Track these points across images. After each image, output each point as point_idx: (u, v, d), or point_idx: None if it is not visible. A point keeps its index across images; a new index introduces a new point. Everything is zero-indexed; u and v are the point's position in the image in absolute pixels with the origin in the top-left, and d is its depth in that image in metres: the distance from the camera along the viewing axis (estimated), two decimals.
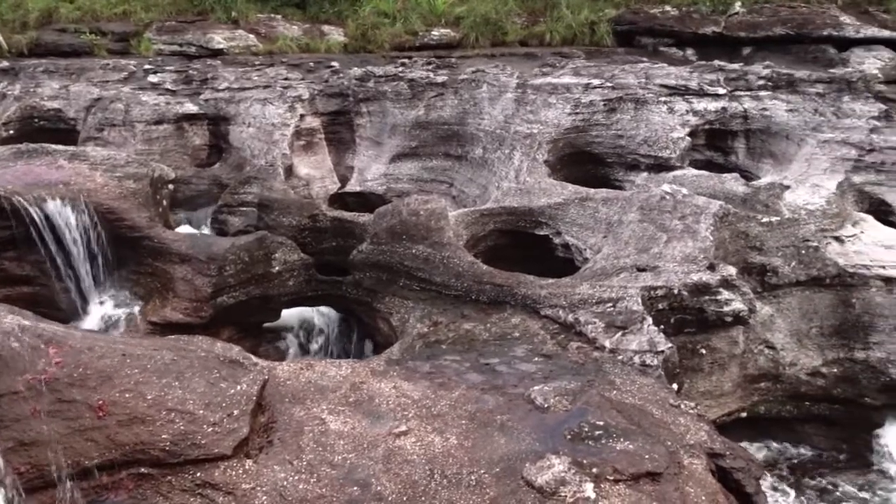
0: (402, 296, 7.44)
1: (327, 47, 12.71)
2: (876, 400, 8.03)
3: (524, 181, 8.99)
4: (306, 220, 8.98)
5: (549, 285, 6.85)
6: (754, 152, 9.94)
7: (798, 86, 9.89)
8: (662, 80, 9.94)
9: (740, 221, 7.83)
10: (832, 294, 8.03)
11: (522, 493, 4.18)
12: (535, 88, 10.07)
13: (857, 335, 8.02)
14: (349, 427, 4.76)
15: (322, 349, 8.49)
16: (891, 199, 8.95)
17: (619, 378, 5.40)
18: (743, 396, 7.64)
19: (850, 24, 11.87)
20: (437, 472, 4.38)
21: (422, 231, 7.55)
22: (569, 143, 9.66)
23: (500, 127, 9.96)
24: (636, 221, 7.70)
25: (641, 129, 9.48)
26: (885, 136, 9.10)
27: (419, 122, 10.57)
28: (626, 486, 4.16)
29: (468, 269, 7.17)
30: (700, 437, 4.73)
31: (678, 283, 6.69)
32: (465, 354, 6.04)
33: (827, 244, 8.15)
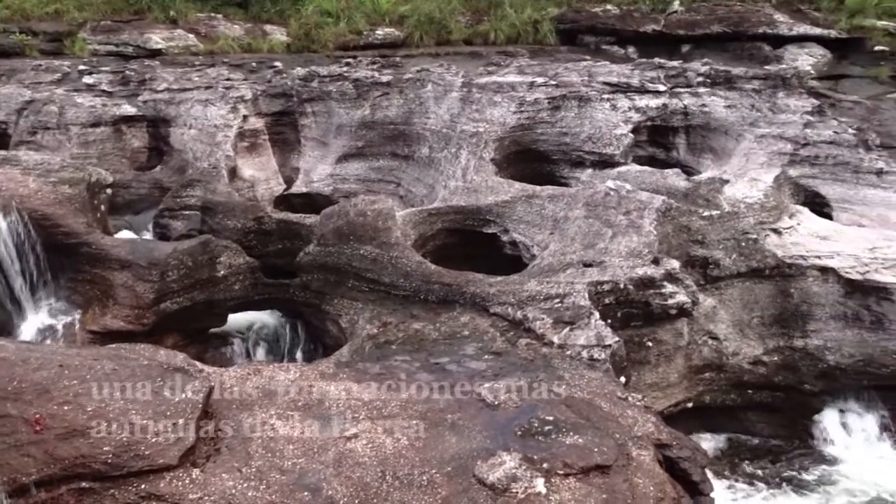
0: (350, 297, 7.39)
1: (270, 47, 12.53)
2: (815, 386, 8.30)
3: (471, 180, 9.01)
4: (251, 223, 8.84)
5: (497, 283, 6.88)
6: (695, 148, 10.17)
7: (735, 82, 10.15)
8: (605, 77, 10.09)
9: (682, 216, 7.99)
10: (771, 285, 8.27)
11: (474, 491, 4.17)
12: (480, 87, 10.10)
13: (796, 324, 8.27)
14: (299, 432, 4.68)
15: (270, 354, 8.37)
16: (825, 191, 9.26)
17: (568, 373, 5.45)
18: (689, 387, 7.81)
19: (783, 22, 12.25)
20: (389, 473, 4.35)
21: (369, 231, 7.50)
22: (515, 142, 9.72)
23: (446, 126, 9.97)
24: (582, 217, 7.79)
25: (585, 127, 9.60)
26: (819, 130, 9.42)
27: (365, 121, 10.50)
28: (577, 479, 4.20)
29: (417, 269, 7.15)
30: (647, 428, 4.80)
31: (624, 278, 6.80)
32: (414, 354, 6.01)
33: (765, 236, 8.39)
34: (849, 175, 9.17)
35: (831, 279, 8.23)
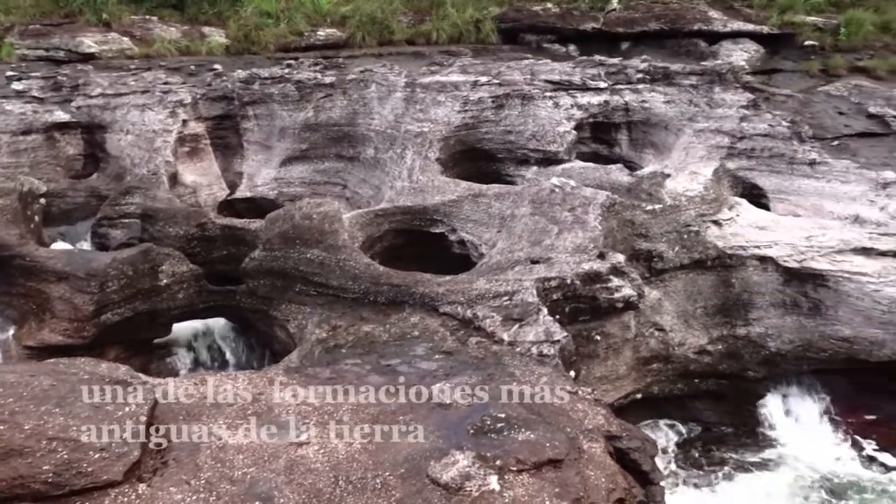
0: (298, 302, 7.30)
1: (208, 49, 12.26)
2: (758, 372, 8.54)
3: (417, 180, 8.99)
4: (194, 230, 8.65)
5: (446, 282, 6.88)
6: (636, 143, 10.34)
7: (673, 78, 10.36)
8: (547, 75, 10.18)
9: (626, 210, 8.12)
10: (714, 275, 8.47)
11: (428, 491, 4.16)
12: (424, 87, 10.09)
13: (738, 313, 8.50)
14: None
15: (217, 362, 8.21)
16: (762, 182, 9.53)
17: (519, 370, 5.48)
18: (637, 378, 7.94)
19: (717, 18, 12.54)
20: (342, 478, 4.30)
21: (315, 235, 7.42)
22: (460, 141, 9.74)
23: (390, 126, 9.93)
24: (528, 215, 7.85)
25: (529, 125, 9.67)
26: (754, 123, 9.68)
27: (308, 123, 10.38)
28: (530, 475, 4.22)
29: (365, 271, 7.11)
30: (598, 421, 4.86)
31: (571, 273, 6.87)
32: (365, 357, 5.97)
33: (706, 228, 8.59)
34: (784, 166, 9.45)
35: (770, 268, 8.48)
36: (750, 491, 7.68)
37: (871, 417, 8.78)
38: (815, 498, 7.63)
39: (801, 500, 7.59)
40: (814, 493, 7.69)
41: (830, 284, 8.37)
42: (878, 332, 8.33)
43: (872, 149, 9.84)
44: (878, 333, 8.34)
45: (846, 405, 8.84)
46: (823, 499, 7.63)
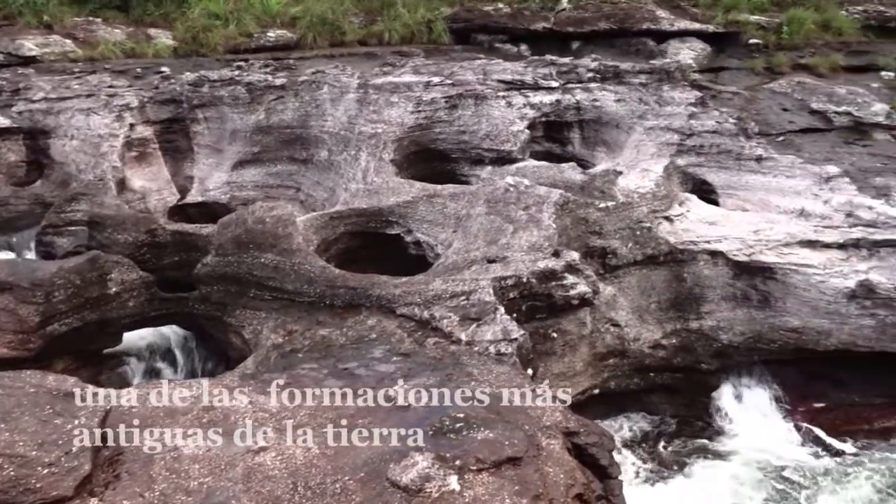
0: (253, 307, 7.20)
1: (155, 52, 12.02)
2: (711, 365, 8.72)
3: (372, 181, 8.95)
4: (144, 236, 8.47)
5: (403, 284, 6.86)
6: (589, 141, 10.46)
7: (624, 77, 10.50)
8: (499, 75, 10.23)
9: (580, 208, 8.21)
10: (666, 270, 8.62)
11: (388, 494, 4.15)
12: (376, 88, 10.05)
13: (691, 307, 8.66)
14: (204, 449, 4.53)
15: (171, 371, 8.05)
16: (711, 178, 9.73)
17: (477, 369, 5.49)
18: (594, 374, 8.03)
19: (665, 18, 12.77)
20: (301, 484, 4.26)
21: (269, 239, 7.33)
22: (414, 142, 9.73)
23: (344, 128, 9.86)
24: (483, 214, 7.88)
25: (483, 124, 9.71)
26: (702, 121, 9.88)
27: (260, 126, 10.25)
28: (489, 474, 4.23)
29: (320, 275, 7.05)
30: (556, 418, 4.90)
31: (526, 272, 6.92)
32: (322, 361, 5.92)
33: (658, 224, 8.73)
34: (732, 162, 9.67)
35: (720, 262, 8.66)
36: (705, 481, 7.82)
37: (819, 405, 9.04)
38: (768, 485, 7.81)
39: (754, 487, 7.76)
40: (767, 480, 7.88)
41: (778, 277, 8.59)
42: (825, 322, 8.58)
43: (815, 144, 10.13)
44: (824, 323, 8.58)
45: (796, 394, 9.08)
46: (776, 485, 7.82)
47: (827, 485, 7.80)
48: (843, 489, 7.71)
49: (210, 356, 8.25)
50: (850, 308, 8.48)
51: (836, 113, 10.45)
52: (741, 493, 7.70)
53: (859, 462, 8.14)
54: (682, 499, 7.51)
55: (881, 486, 7.73)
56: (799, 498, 7.65)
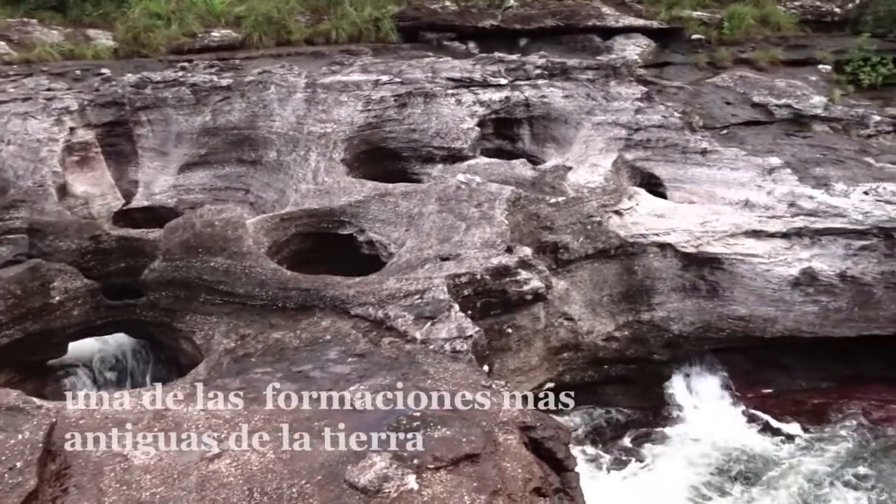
0: (204, 312, 7.06)
1: (95, 53, 11.66)
2: (662, 355, 8.89)
3: (323, 181, 8.86)
4: (88, 243, 8.22)
5: (356, 284, 6.82)
6: (538, 138, 10.53)
7: (571, 73, 10.61)
8: (448, 73, 10.23)
9: (531, 204, 8.26)
10: (617, 263, 8.75)
11: (346, 496, 4.12)
12: (325, 87, 9.96)
13: (642, 299, 8.81)
14: (156, 459, 4.44)
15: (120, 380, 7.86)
16: (658, 172, 9.90)
17: (433, 367, 5.49)
18: (549, 368, 8.10)
19: (610, 14, 12.92)
20: (257, 490, 4.21)
21: (219, 242, 7.21)
22: (364, 140, 9.66)
23: (292, 128, 9.74)
24: (436, 212, 7.87)
25: (433, 122, 9.70)
26: (649, 115, 10.05)
27: (207, 128, 10.05)
28: (447, 471, 4.24)
29: (272, 277, 6.95)
30: (512, 413, 4.92)
31: (480, 269, 6.94)
32: (276, 365, 5.85)
33: (608, 218, 8.85)
34: (678, 156, 9.85)
35: (669, 254, 8.83)
36: (660, 469, 7.98)
37: (767, 391, 9.30)
38: (720, 470, 8.00)
39: (708, 472, 7.94)
40: (719, 465, 8.07)
41: (725, 267, 8.80)
42: (771, 310, 8.82)
43: (758, 136, 10.38)
44: (770, 311, 8.83)
45: (745, 381, 9.33)
46: (727, 469, 8.02)
47: (776, 467, 8.03)
48: (791, 471, 7.94)
49: (160, 364, 8.08)
50: (794, 295, 8.74)
51: (776, 106, 10.73)
52: (695, 478, 7.87)
53: (806, 444, 8.40)
54: (639, 487, 7.64)
55: (826, 467, 7.98)
56: (750, 480, 7.85)
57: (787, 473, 7.91)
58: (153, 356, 8.05)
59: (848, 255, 8.65)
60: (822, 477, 7.85)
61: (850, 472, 7.93)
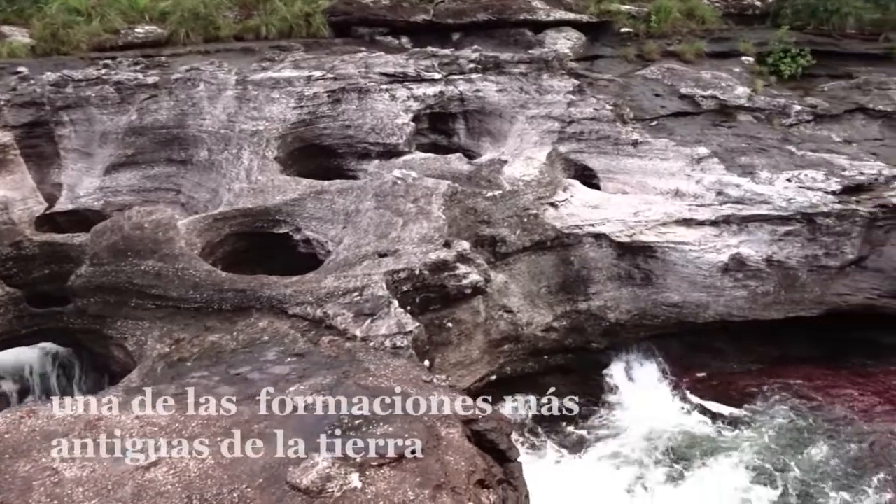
0: (135, 317, 6.85)
1: (10, 51, 11.15)
2: (600, 344, 9.06)
3: (256, 180, 8.71)
4: (8, 249, 7.88)
5: (294, 283, 6.73)
6: (473, 132, 10.58)
7: (504, 67, 10.67)
8: (381, 68, 10.17)
9: (468, 198, 8.30)
10: (554, 255, 8.87)
11: (289, 498, 4.06)
12: (256, 84, 9.77)
13: (579, 288, 8.95)
14: (88, 471, 4.29)
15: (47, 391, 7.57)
16: (592, 163, 10.06)
17: (373, 364, 5.46)
18: (490, 361, 8.16)
19: (541, 8, 13.05)
20: (196, 497, 4.11)
21: (149, 245, 7.01)
22: (298, 137, 9.53)
23: (224, 126, 9.53)
24: (373, 209, 7.83)
25: (367, 118, 9.63)
26: (581, 108, 10.19)
27: (133, 127, 9.73)
28: (391, 468, 4.23)
29: (206, 279, 6.80)
30: (454, 406, 4.93)
31: (419, 264, 6.93)
32: (213, 368, 5.73)
33: (544, 210, 8.96)
34: (610, 147, 10.03)
35: (604, 244, 8.99)
36: (602, 455, 8.12)
37: (702, 375, 9.57)
38: (659, 453, 8.19)
39: (647, 456, 8.12)
40: (657, 446, 8.26)
41: (658, 255, 9.00)
42: (703, 296, 9.09)
43: (686, 127, 10.66)
44: (702, 297, 9.09)
45: (680, 366, 9.58)
46: (665, 450, 8.22)
47: (711, 447, 8.28)
48: (725, 450, 8.20)
49: (91, 372, 7.81)
50: (724, 281, 9.01)
51: (703, 97, 11.03)
52: (635, 461, 8.05)
53: (739, 424, 8.68)
54: (581, 472, 7.76)
55: (758, 445, 8.27)
56: (687, 460, 8.07)
57: (722, 452, 8.17)
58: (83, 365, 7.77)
59: (773, 241, 8.96)
60: (754, 454, 8.13)
61: (780, 449, 8.24)
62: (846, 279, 9.22)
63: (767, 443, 8.33)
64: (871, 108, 11.48)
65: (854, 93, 11.76)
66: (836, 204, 8.90)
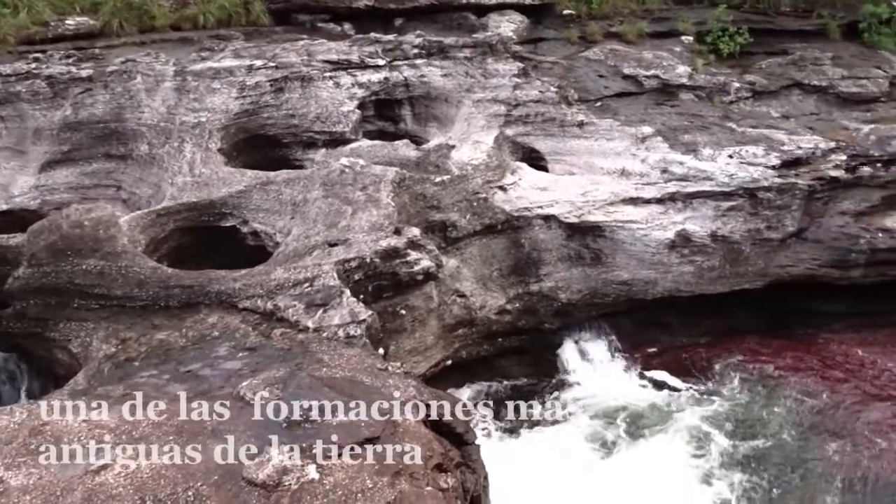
0: (79, 318, 6.66)
1: None
2: (553, 324, 9.17)
3: (200, 173, 8.52)
4: None
5: (242, 276, 6.62)
6: (420, 118, 10.54)
7: (448, 51, 10.64)
8: (324, 55, 10.04)
9: (416, 184, 8.27)
10: (505, 238, 8.92)
11: (245, 494, 4.02)
12: (195, 75, 9.55)
13: (530, 270, 9.03)
14: (35, 478, 4.17)
15: None
16: (539, 146, 10.12)
17: (327, 355, 5.43)
18: (445, 346, 8.19)
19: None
20: (149, 498, 4.04)
21: (90, 243, 6.80)
22: (241, 128, 9.36)
23: (163, 119, 9.30)
24: (321, 198, 7.75)
25: (312, 107, 9.50)
26: (526, 91, 10.23)
27: (68, 123, 9.41)
28: (348, 457, 4.22)
29: (152, 276, 6.64)
30: (410, 393, 4.94)
31: (369, 252, 6.90)
32: (162, 367, 5.62)
33: (493, 194, 8.99)
34: (556, 129, 10.10)
35: (554, 225, 9.07)
36: (558, 433, 8.24)
37: (652, 350, 9.78)
38: (614, 428, 8.35)
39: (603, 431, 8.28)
40: (611, 422, 8.42)
41: (607, 234, 9.13)
42: (651, 273, 9.26)
43: (630, 107, 10.79)
44: (650, 273, 9.26)
45: (631, 342, 9.76)
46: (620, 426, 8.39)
47: (664, 419, 8.48)
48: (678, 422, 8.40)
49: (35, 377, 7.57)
50: (671, 257, 9.19)
51: (645, 77, 11.17)
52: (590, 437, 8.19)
53: (690, 396, 8.90)
54: (538, 451, 7.86)
55: (710, 416, 8.50)
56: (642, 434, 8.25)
57: (675, 424, 8.37)
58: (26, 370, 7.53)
59: (717, 216, 9.17)
60: (706, 425, 8.36)
61: (730, 418, 8.48)
62: (788, 251, 9.51)
63: (718, 410, 8.59)
64: (806, 84, 11.77)
65: (790, 69, 12.04)
66: (777, 178, 9.14)
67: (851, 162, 9.49)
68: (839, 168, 9.40)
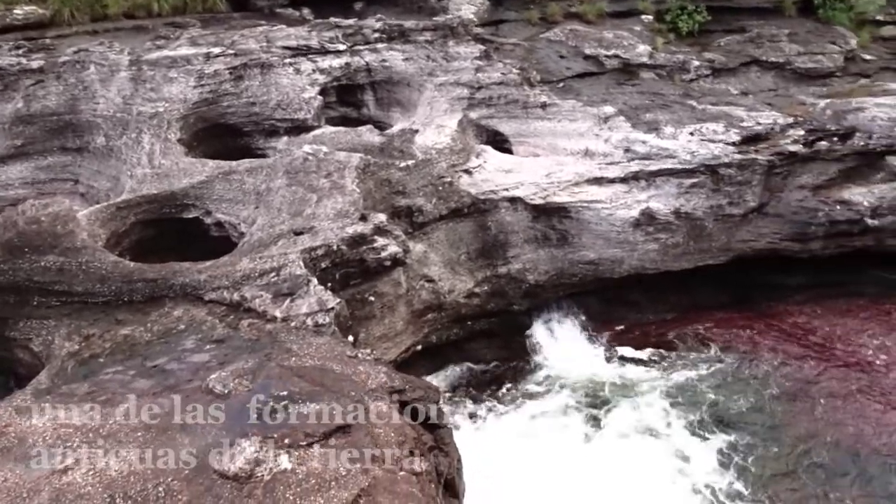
0: (39, 316, 6.50)
1: None
2: (522, 305, 9.21)
3: (160, 164, 8.36)
4: None
5: (208, 268, 6.52)
6: (383, 103, 10.46)
7: (409, 35, 10.56)
8: (284, 41, 9.90)
9: (381, 170, 8.22)
10: (471, 221, 8.91)
11: (217, 487, 3.99)
12: (151, 64, 9.34)
13: (498, 253, 9.05)
14: (0, 481, 4.09)
15: None
16: (502, 128, 10.12)
17: (296, 344, 5.39)
18: (415, 331, 8.18)
19: None
20: (119, 496, 3.99)
21: (48, 239, 6.64)
22: (201, 118, 9.19)
23: (120, 110, 9.09)
24: (285, 186, 7.66)
25: (273, 94, 9.37)
26: (489, 73, 10.20)
27: (20, 116, 9.15)
28: (320, 445, 4.21)
29: (114, 270, 6.51)
30: (380, 379, 4.93)
31: (336, 240, 6.84)
32: (128, 362, 5.52)
33: (459, 178, 8.97)
34: (519, 111, 10.10)
35: (520, 207, 9.09)
36: (531, 413, 8.31)
37: (620, 327, 9.89)
38: (584, 405, 8.45)
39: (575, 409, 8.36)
40: (584, 400, 8.52)
41: (572, 215, 9.18)
42: (617, 251, 9.34)
43: (592, 87, 10.83)
44: (616, 252, 9.34)
45: (599, 320, 9.86)
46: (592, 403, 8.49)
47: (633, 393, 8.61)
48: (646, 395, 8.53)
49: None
50: (636, 235, 9.28)
51: (606, 56, 11.20)
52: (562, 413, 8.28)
53: (658, 370, 9.03)
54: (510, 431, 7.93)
55: (676, 389, 8.65)
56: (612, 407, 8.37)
57: (643, 397, 8.50)
58: None
59: (680, 194, 9.27)
60: (673, 397, 8.51)
61: (696, 390, 8.64)
62: (749, 226, 9.66)
63: (683, 384, 8.72)
64: (764, 61, 11.94)
65: (748, 46, 12.18)
66: (737, 154, 9.26)
67: (809, 136, 9.65)
68: (797, 143, 9.55)
